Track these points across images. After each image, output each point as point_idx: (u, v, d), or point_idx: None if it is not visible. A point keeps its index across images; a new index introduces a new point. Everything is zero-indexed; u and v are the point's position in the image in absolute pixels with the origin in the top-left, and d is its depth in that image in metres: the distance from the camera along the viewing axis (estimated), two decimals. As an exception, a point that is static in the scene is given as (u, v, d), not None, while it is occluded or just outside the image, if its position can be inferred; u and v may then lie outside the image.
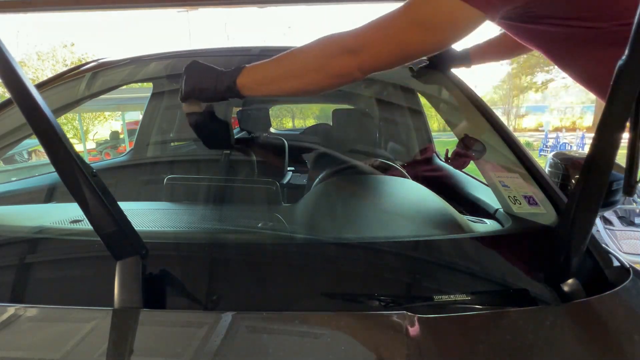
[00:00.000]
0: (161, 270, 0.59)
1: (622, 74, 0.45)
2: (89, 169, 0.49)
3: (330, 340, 0.48)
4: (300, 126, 5.89)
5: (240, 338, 0.48)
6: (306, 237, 0.76)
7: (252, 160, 1.29)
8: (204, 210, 0.98)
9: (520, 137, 5.02)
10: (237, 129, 2.17)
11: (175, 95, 0.77)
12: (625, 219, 3.37)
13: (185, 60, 1.25)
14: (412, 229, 0.75)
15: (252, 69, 0.72)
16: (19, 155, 7.82)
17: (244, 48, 1.27)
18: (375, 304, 0.57)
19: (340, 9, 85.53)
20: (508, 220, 0.74)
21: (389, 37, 0.66)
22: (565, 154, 0.86)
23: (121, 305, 0.51)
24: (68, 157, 0.47)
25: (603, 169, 0.49)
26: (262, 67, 0.72)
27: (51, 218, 0.79)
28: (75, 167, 0.47)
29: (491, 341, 0.49)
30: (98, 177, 0.50)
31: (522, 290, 0.59)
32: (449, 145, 0.93)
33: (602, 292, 0.56)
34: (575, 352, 0.48)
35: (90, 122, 15.02)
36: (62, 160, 0.47)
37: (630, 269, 0.63)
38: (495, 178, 0.78)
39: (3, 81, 0.45)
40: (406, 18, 0.65)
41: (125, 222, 0.52)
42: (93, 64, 1.18)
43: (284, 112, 14.80)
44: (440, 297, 0.57)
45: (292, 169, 1.74)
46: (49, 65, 14.96)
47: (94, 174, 0.49)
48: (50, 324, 0.52)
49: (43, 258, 0.68)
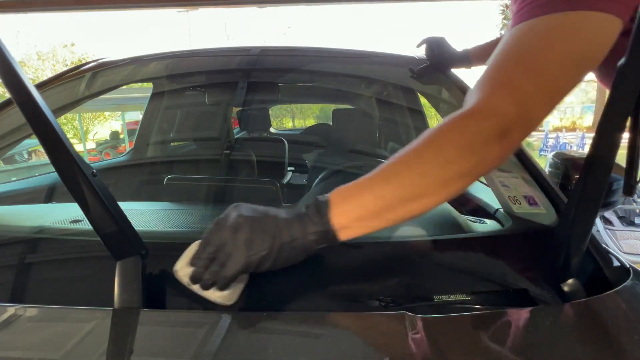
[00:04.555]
0: (161, 270, 0.59)
1: (622, 74, 0.44)
2: (89, 169, 0.49)
3: (330, 340, 0.48)
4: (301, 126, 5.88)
5: (240, 338, 0.48)
6: None
7: (252, 160, 1.29)
8: (204, 210, 0.98)
9: (520, 137, 4.99)
10: (237, 129, 2.18)
11: (175, 95, 0.77)
12: (625, 219, 3.37)
13: (185, 60, 1.26)
14: (412, 229, 0.75)
15: (348, 198, 0.49)
16: (19, 155, 7.82)
17: (244, 48, 1.27)
18: (376, 304, 0.57)
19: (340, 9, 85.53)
20: (508, 220, 0.74)
21: (551, 88, 0.47)
22: (565, 154, 0.86)
23: (121, 305, 0.51)
24: (68, 157, 0.47)
25: (603, 169, 0.49)
26: (366, 195, 0.49)
27: (51, 218, 0.79)
28: (75, 167, 0.47)
29: (491, 341, 0.49)
30: (98, 177, 0.50)
31: (522, 290, 0.59)
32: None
33: (602, 292, 0.56)
34: (575, 352, 0.48)
35: (90, 122, 15.02)
36: (62, 160, 0.47)
37: (630, 269, 0.63)
38: (495, 178, 0.78)
39: (3, 81, 0.45)
40: (562, 59, 0.47)
41: (125, 222, 0.51)
42: (93, 64, 1.18)
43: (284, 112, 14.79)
44: (441, 297, 0.57)
45: (292, 169, 1.74)
46: (49, 65, 14.97)
47: (94, 174, 0.49)
48: (50, 324, 0.52)
49: (43, 258, 0.68)
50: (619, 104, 0.46)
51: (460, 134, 0.47)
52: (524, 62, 0.47)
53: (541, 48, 0.47)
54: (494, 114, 0.46)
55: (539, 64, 0.47)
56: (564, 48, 0.47)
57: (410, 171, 0.48)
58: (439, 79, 1.06)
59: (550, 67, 0.47)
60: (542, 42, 0.48)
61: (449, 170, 0.46)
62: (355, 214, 0.48)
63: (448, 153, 0.46)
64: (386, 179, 0.48)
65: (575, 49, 0.47)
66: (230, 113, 1.61)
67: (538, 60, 0.47)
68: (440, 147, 0.47)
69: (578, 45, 0.47)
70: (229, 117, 1.52)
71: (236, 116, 2.06)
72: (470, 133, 0.46)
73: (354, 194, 0.49)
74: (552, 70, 0.47)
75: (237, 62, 1.24)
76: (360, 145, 1.53)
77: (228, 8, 6.61)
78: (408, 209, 0.48)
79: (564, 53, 0.47)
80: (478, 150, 0.46)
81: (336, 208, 0.48)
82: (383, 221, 0.49)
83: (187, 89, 1.59)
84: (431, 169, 0.47)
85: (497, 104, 0.46)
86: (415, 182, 0.47)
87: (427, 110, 1.92)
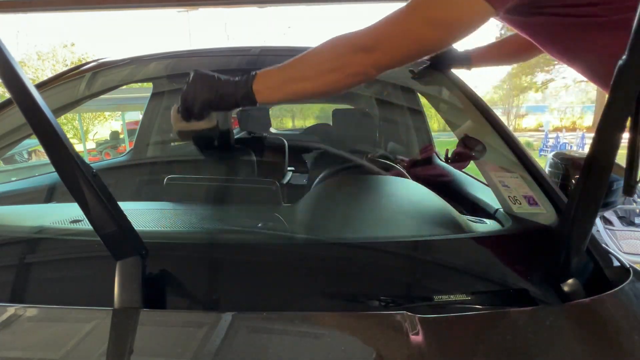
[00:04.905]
0: (161, 270, 0.59)
1: (622, 74, 0.45)
2: (89, 169, 0.49)
3: (330, 340, 0.48)
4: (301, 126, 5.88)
5: (240, 338, 0.48)
6: (306, 237, 0.76)
7: (252, 160, 1.29)
8: (204, 210, 0.98)
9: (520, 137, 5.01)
10: (237, 129, 2.17)
11: (175, 95, 0.77)
12: (625, 219, 3.37)
13: (185, 60, 1.26)
14: (412, 229, 0.75)
15: (265, 74, 0.70)
16: (19, 155, 7.82)
17: (244, 48, 1.27)
18: (376, 304, 0.57)
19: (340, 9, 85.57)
20: (508, 220, 0.74)
21: (402, 34, 0.66)
22: (565, 154, 0.85)
23: (121, 305, 0.51)
24: (68, 157, 0.47)
25: (603, 169, 0.49)
26: (275, 72, 0.70)
27: (51, 218, 0.79)
28: (75, 167, 0.47)
29: (491, 341, 0.49)
30: (98, 177, 0.50)
31: (522, 290, 0.59)
32: (449, 145, 0.93)
33: (602, 292, 0.56)
34: (575, 352, 0.48)
35: (90, 122, 15.01)
36: (62, 160, 0.47)
37: (630, 269, 0.63)
38: (495, 178, 0.78)
39: (3, 81, 0.45)
40: (419, 15, 0.65)
41: (125, 222, 0.52)
42: (93, 64, 1.18)
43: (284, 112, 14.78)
44: (441, 297, 0.57)
45: (292, 169, 1.74)
46: (49, 65, 14.96)
47: (94, 174, 0.49)
48: (50, 324, 0.52)
49: (43, 258, 0.68)
50: (619, 104, 0.46)
51: (339, 43, 0.69)
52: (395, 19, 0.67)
53: (406, 9, 0.66)
54: (365, 40, 0.68)
55: (402, 19, 0.67)
56: (424, 11, 0.65)
57: (302, 62, 0.70)
58: (439, 79, 1.06)
59: (409, 21, 0.66)
60: (409, 5, 0.66)
61: (324, 65, 0.69)
62: (266, 84, 0.70)
63: (326, 54, 0.69)
64: (289, 65, 0.70)
65: (433, 14, 0.64)
66: (230, 113, 1.61)
67: (403, 16, 0.66)
68: (323, 48, 0.70)
69: (437, 12, 0.64)
70: (229, 117, 1.52)
71: (236, 116, 2.06)
72: (346, 43, 0.69)
73: (269, 72, 0.71)
74: (410, 24, 0.66)
75: (237, 62, 1.24)
76: (360, 145, 1.53)
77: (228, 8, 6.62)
78: (297, 87, 0.70)
79: (424, 14, 0.65)
80: (347, 55, 0.67)
81: (257, 79, 0.70)
82: (282, 93, 0.71)
83: None
84: (314, 63, 0.70)
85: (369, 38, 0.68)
86: (303, 69, 0.70)
87: (427, 110, 1.93)
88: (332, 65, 0.68)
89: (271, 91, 0.70)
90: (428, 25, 0.65)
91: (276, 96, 0.72)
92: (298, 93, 0.70)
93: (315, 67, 0.69)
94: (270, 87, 0.70)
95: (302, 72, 0.70)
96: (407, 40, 0.66)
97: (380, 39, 0.67)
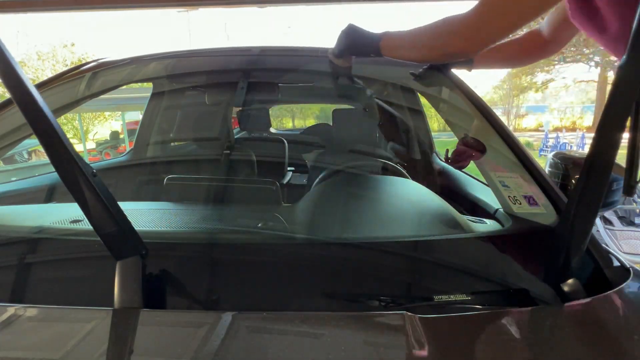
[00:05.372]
0: (161, 270, 0.59)
1: (622, 74, 0.45)
2: (89, 169, 0.49)
3: (330, 340, 0.48)
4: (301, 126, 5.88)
5: (240, 338, 0.48)
6: (306, 237, 0.76)
7: (252, 160, 1.29)
8: (204, 210, 0.98)
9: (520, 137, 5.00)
10: (237, 129, 2.17)
11: (175, 95, 0.77)
12: (625, 219, 3.36)
13: (185, 60, 1.26)
14: (412, 229, 0.75)
15: (391, 35, 0.87)
16: (19, 155, 7.81)
17: (244, 48, 1.27)
18: (376, 304, 0.57)
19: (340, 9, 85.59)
20: (508, 220, 0.74)
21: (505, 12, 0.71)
22: (565, 154, 0.85)
23: (121, 305, 0.51)
24: (68, 157, 0.47)
25: (603, 169, 0.49)
26: (398, 35, 0.87)
27: (51, 218, 0.79)
28: (75, 167, 0.47)
29: (491, 341, 0.49)
30: (98, 177, 0.50)
31: (522, 290, 0.59)
32: (449, 145, 0.93)
33: (602, 292, 0.56)
34: (575, 352, 0.48)
35: (90, 122, 15.00)
36: (62, 160, 0.47)
37: (630, 269, 0.63)
38: (495, 178, 0.78)
39: (3, 81, 0.45)
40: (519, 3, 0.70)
41: (125, 222, 0.52)
42: (93, 64, 1.18)
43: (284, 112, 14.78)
44: (441, 297, 0.57)
45: (292, 169, 1.74)
46: (49, 65, 14.94)
47: (94, 174, 0.49)
48: (50, 324, 0.52)
49: (43, 258, 0.68)
50: (619, 103, 0.46)
51: (443, 24, 0.79)
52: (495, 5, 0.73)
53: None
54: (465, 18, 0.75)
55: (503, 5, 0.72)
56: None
57: (415, 35, 0.84)
58: (439, 80, 1.06)
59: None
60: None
61: (428, 42, 0.82)
62: (389, 43, 0.86)
63: (430, 32, 0.81)
64: (407, 33, 0.85)
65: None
66: (230, 113, 1.61)
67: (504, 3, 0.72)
68: (431, 27, 0.81)
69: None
70: (229, 117, 1.53)
71: (236, 116, 2.06)
72: (446, 28, 0.79)
73: (394, 34, 0.87)
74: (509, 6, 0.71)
75: (237, 62, 1.24)
76: (360, 145, 1.53)
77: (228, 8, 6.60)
78: (407, 53, 0.87)
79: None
80: (450, 37, 0.78)
81: (385, 38, 0.87)
82: (397, 53, 0.87)
83: (187, 89, 1.59)
84: (423, 37, 0.83)
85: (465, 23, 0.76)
86: (414, 41, 0.85)
87: (427, 110, 1.93)
88: (433, 43, 0.81)
89: (391, 50, 0.87)
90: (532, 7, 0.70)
91: (394, 54, 0.88)
92: (407, 57, 0.88)
93: (422, 42, 0.84)
94: (391, 47, 0.87)
95: (415, 42, 0.85)
96: (511, 17, 0.71)
97: (484, 25, 0.73)
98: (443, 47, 0.80)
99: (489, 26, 0.74)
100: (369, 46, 0.89)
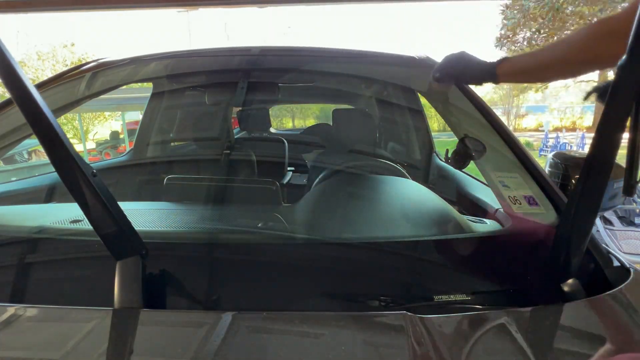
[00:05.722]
0: (161, 270, 0.59)
1: (622, 74, 0.45)
2: (89, 169, 0.49)
3: (330, 340, 0.48)
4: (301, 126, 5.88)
5: (240, 338, 0.48)
6: (306, 237, 0.76)
7: (252, 160, 1.29)
8: (204, 210, 0.98)
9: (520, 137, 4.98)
10: (237, 129, 2.17)
11: (175, 95, 0.77)
12: (625, 219, 3.36)
13: (185, 60, 1.26)
14: (412, 229, 0.75)
15: (512, 60, 0.80)
16: (19, 155, 7.81)
17: (244, 48, 1.27)
18: (376, 304, 0.57)
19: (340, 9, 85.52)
20: (508, 220, 0.74)
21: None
22: (565, 154, 0.86)
23: (121, 305, 0.51)
24: (68, 157, 0.47)
25: (603, 169, 0.49)
26: (520, 59, 0.81)
27: (51, 218, 0.79)
28: (75, 167, 0.47)
29: (491, 341, 0.49)
30: (98, 177, 0.50)
31: (522, 290, 0.59)
32: (449, 145, 0.93)
33: (602, 292, 0.56)
34: (575, 351, 0.48)
35: (90, 122, 14.99)
36: (62, 160, 0.47)
37: (630, 269, 0.63)
38: (495, 178, 0.78)
39: (3, 81, 0.45)
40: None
41: (125, 222, 0.52)
42: (93, 64, 1.18)
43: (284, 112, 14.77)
44: (441, 297, 0.57)
45: (292, 169, 1.74)
46: (49, 65, 14.93)
47: (94, 174, 0.49)
48: (50, 324, 0.52)
49: (43, 258, 0.68)
50: (619, 104, 0.46)
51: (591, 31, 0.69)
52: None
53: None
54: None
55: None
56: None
57: (558, 49, 0.74)
58: None
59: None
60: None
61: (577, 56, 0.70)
62: (512, 68, 0.79)
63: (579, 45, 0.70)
64: (541, 51, 0.77)
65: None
66: (230, 113, 1.61)
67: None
68: (580, 38, 0.70)
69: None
70: (229, 117, 1.53)
71: (236, 116, 2.06)
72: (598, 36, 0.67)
73: (516, 58, 0.81)
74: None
75: (237, 62, 1.24)
76: (360, 145, 1.53)
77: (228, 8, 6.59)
78: (549, 73, 0.79)
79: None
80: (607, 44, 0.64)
81: (503, 63, 0.80)
82: (526, 76, 0.82)
83: (187, 89, 1.59)
84: (567, 53, 0.72)
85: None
86: (553, 57, 0.74)
87: (427, 110, 1.93)
88: (584, 57, 0.70)
89: (512, 75, 0.81)
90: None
91: (517, 79, 0.83)
92: (545, 78, 0.82)
93: (567, 58, 0.72)
94: (516, 72, 0.80)
95: (554, 59, 0.74)
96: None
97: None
98: (597, 57, 0.68)
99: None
100: (485, 73, 0.83)
